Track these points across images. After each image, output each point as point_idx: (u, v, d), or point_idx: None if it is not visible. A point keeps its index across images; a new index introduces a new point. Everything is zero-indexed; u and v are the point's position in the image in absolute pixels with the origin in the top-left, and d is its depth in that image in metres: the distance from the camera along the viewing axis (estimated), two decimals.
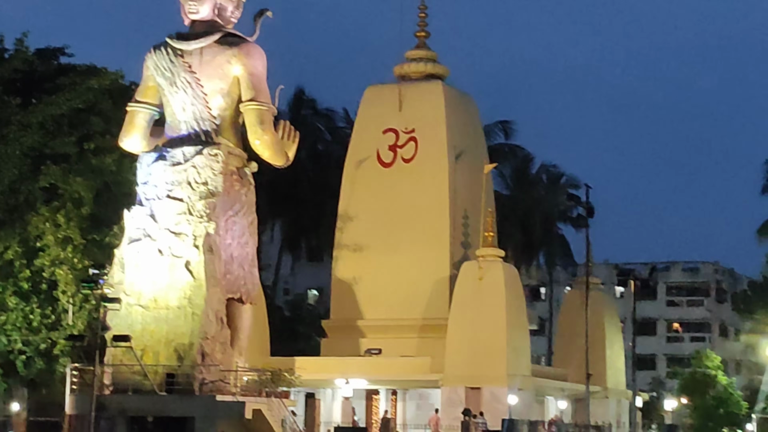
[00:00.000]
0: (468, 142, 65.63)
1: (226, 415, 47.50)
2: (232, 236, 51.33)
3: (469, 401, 57.04)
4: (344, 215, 65.00)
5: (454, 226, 63.20)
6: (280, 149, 52.39)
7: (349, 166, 65.41)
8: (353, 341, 63.21)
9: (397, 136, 64.61)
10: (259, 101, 51.43)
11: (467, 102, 66.79)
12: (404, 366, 59.90)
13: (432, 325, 61.60)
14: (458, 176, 63.94)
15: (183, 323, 49.39)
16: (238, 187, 51.69)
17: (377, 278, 63.25)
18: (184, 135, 51.65)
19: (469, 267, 59.09)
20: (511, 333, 57.85)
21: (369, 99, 66.03)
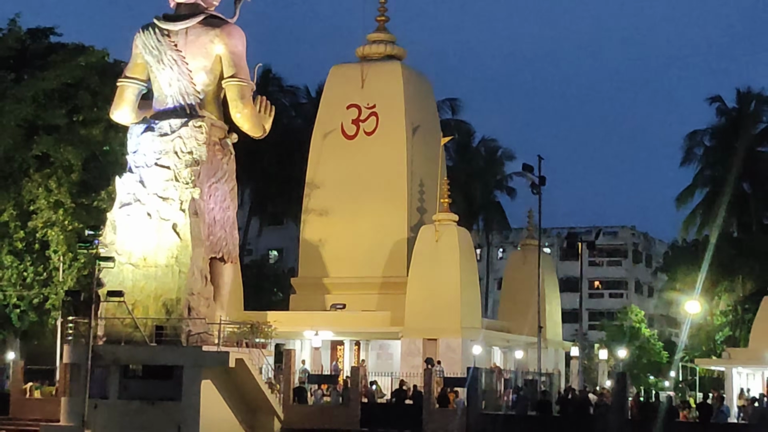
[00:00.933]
0: (423, 118, 65.04)
1: (211, 364, 46.90)
2: (214, 201, 50.84)
3: (427, 351, 56.56)
4: (311, 183, 64.22)
5: (410, 194, 62.63)
6: (258, 122, 52.03)
7: (316, 138, 64.63)
8: (320, 297, 62.55)
9: (360, 111, 63.84)
10: (239, 78, 51.07)
11: (423, 81, 66.16)
12: (367, 319, 59.36)
13: (391, 283, 61.03)
14: (415, 148, 63.34)
15: (171, 280, 48.88)
16: (220, 156, 51.18)
17: (341, 240, 62.56)
18: (171, 108, 51.11)
19: (427, 230, 58.54)
20: (464, 290, 57.45)
21: (334, 77, 65.29)
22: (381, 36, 65.65)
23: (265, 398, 48.97)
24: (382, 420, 48.69)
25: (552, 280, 67.87)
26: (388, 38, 65.75)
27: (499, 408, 42.24)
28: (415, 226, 61.84)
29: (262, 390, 48.73)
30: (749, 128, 79.73)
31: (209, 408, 46.79)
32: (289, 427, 49.43)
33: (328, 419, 49.52)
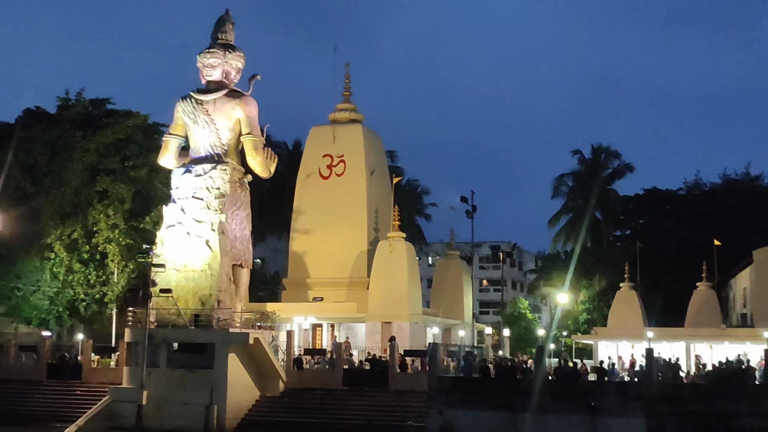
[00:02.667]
0: (377, 164, 64.06)
1: (236, 342, 45.64)
2: (235, 223, 49.73)
3: (384, 331, 55.51)
4: (297, 210, 62.91)
5: (369, 218, 61.55)
6: (267, 167, 51.16)
7: (300, 178, 63.34)
8: (304, 292, 61.19)
9: (332, 159, 62.66)
10: (254, 135, 50.29)
11: (376, 137, 65.18)
12: (339, 308, 58.18)
13: (355, 282, 59.93)
14: (371, 186, 62.30)
15: (205, 281, 47.71)
16: (239, 191, 50.16)
17: (319, 251, 61.27)
18: (203, 156, 50.03)
19: (383, 244, 57.52)
20: (410, 286, 56.52)
21: (313, 135, 64.03)
22: (346, 106, 64.53)
23: (273, 366, 47.75)
24: (358, 381, 47.68)
25: (467, 280, 67.13)
26: (351, 107, 64.66)
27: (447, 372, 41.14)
28: (372, 241, 60.86)
29: (272, 360, 47.53)
30: (601, 172, 79.90)
31: (233, 374, 45.75)
32: (291, 387, 48.22)
33: (319, 381, 48.43)
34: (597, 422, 36.43)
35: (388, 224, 63.60)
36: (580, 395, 37.02)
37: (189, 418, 44.38)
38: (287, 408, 46.52)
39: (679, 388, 37.56)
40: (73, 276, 59.17)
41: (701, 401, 35.61)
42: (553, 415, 36.95)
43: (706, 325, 60.36)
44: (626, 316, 62.87)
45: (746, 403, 35.05)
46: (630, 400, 36.44)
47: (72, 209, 59.10)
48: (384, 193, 64.38)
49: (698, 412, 35.44)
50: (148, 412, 44.80)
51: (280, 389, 48.07)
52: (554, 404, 37.07)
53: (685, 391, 36.62)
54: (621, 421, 36.23)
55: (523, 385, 37.98)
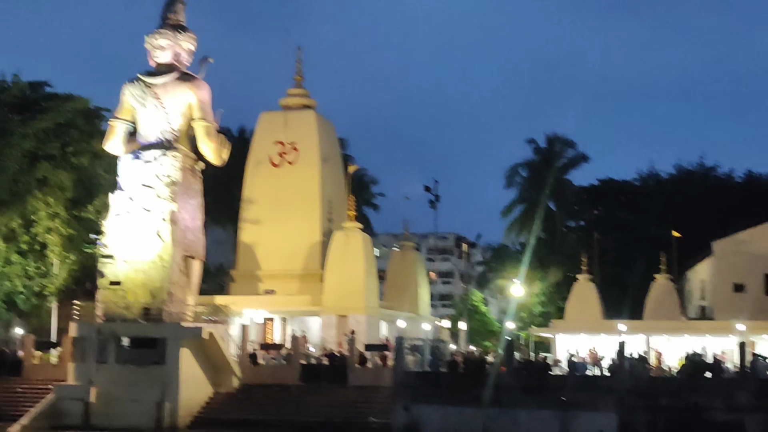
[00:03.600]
0: (330, 152, 63.75)
1: (188, 336, 45.00)
2: (187, 213, 48.86)
3: (340, 325, 55.32)
4: (247, 199, 62.29)
5: (322, 208, 61.17)
6: (219, 154, 50.29)
7: (250, 166, 62.75)
8: (254, 285, 60.66)
9: (284, 146, 62.18)
10: (206, 120, 49.46)
11: (329, 125, 64.79)
12: (292, 301, 57.80)
13: (308, 274, 59.61)
14: (325, 174, 61.98)
15: (155, 273, 46.92)
16: (191, 179, 49.40)
17: (270, 242, 60.78)
18: (153, 142, 49.08)
19: (339, 235, 57.26)
20: (366, 279, 56.34)
21: (263, 121, 63.43)
22: (298, 91, 64.03)
23: (227, 362, 47.18)
24: (316, 377, 47.35)
25: (422, 272, 67.23)
26: (303, 93, 64.17)
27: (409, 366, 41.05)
28: (326, 232, 60.60)
29: (226, 355, 46.95)
30: (555, 162, 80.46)
31: (186, 370, 45.10)
32: (245, 383, 47.69)
33: (275, 377, 47.97)
34: (568, 417, 36.72)
35: (341, 214, 63.34)
36: (550, 390, 37.23)
37: (140, 416, 43.61)
38: (242, 405, 45.99)
39: (651, 381, 37.99)
40: (10, 267, 57.78)
41: (674, 395, 36.08)
42: (523, 410, 37.16)
43: (666, 317, 61.27)
44: (584, 309, 63.60)
45: (720, 396, 35.54)
46: (601, 395, 36.80)
47: (9, 197, 57.60)
48: (337, 182, 64.11)
49: (671, 406, 35.92)
50: (96, 410, 44.01)
51: (234, 385, 47.50)
52: (524, 399, 37.25)
53: (658, 384, 37.10)
54: (592, 415, 36.55)
55: (492, 379, 37.98)
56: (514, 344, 39.85)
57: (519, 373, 38.35)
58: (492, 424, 37.23)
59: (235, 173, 67.96)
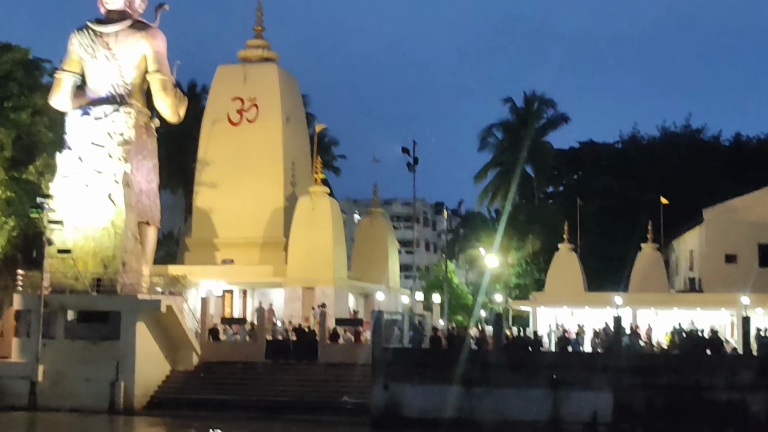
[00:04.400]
0: (293, 109, 63.18)
1: (145, 310, 44.67)
2: (141, 175, 48.49)
3: (305, 298, 55.06)
4: (202, 160, 61.54)
5: (285, 170, 60.68)
6: (176, 110, 49.93)
7: (206, 124, 61.93)
8: (210, 254, 60.06)
9: (243, 102, 61.46)
10: (162, 72, 49.15)
11: (292, 80, 64.17)
12: (253, 272, 57.32)
13: (270, 242, 59.20)
14: (288, 134, 61.42)
15: (107, 240, 46.55)
16: (145, 137, 48.93)
17: (228, 207, 60.11)
18: (103, 97, 48.64)
19: (305, 200, 56.81)
20: (335, 247, 56.07)
21: (220, 74, 62.52)
22: (258, 42, 63.22)
23: (187, 337, 46.91)
24: (283, 353, 47.26)
25: (393, 240, 67.12)
26: (263, 44, 63.37)
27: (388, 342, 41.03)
28: (289, 196, 60.21)
29: (185, 330, 46.67)
30: (533, 123, 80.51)
31: (142, 346, 44.95)
32: (206, 360, 47.52)
33: (238, 353, 47.91)
34: (560, 396, 37.00)
35: (306, 178, 63.10)
36: (540, 367, 37.42)
37: (92, 396, 43.58)
38: (203, 384, 45.89)
39: (650, 358, 38.35)
40: None
41: (673, 373, 36.46)
42: (512, 389, 37.34)
43: (652, 289, 61.68)
44: (566, 280, 63.73)
45: (722, 375, 35.97)
46: (596, 372, 37.04)
47: None
48: (301, 142, 63.72)
49: (670, 384, 36.27)
50: (44, 390, 43.82)
51: (193, 363, 47.36)
52: (513, 377, 37.42)
53: (656, 361, 37.41)
54: (586, 394, 36.86)
55: (479, 356, 38.11)
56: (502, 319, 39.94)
57: (507, 349, 38.42)
58: (478, 404, 37.41)
59: (186, 132, 67.36)
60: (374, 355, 38.98)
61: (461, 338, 39.15)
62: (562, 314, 61.46)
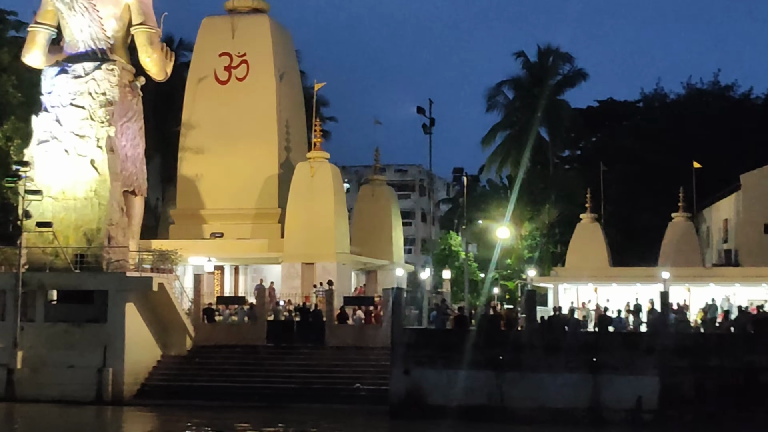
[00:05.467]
0: (287, 66, 62.89)
1: (135, 289, 44.47)
2: (126, 139, 48.33)
3: (305, 274, 55.02)
4: (187, 123, 61.19)
5: (279, 134, 60.46)
6: (163, 67, 49.69)
7: (191, 83, 61.55)
8: (197, 227, 59.83)
9: (231, 59, 61.05)
10: (148, 25, 48.94)
11: (285, 33, 63.82)
12: (246, 247, 57.23)
13: (264, 213, 59.07)
14: (282, 93, 61.15)
15: (90, 212, 46.40)
16: (130, 97, 48.81)
17: (217, 175, 59.85)
18: (83, 52, 48.28)
19: (303, 166, 56.63)
20: (337, 219, 55.98)
21: (206, 28, 62.08)
22: None
23: (179, 318, 46.86)
24: (287, 336, 47.26)
25: (396, 211, 67.03)
26: None
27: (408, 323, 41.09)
28: (283, 163, 60.07)
29: (178, 311, 46.59)
30: (548, 79, 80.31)
31: (132, 329, 44.82)
32: (201, 344, 47.48)
33: (237, 336, 47.88)
34: (600, 382, 37.12)
35: (301, 142, 63.08)
36: (579, 350, 37.52)
37: (76, 385, 43.46)
38: (199, 370, 45.88)
39: (700, 338, 38.50)
40: None
41: (726, 354, 36.61)
42: (546, 374, 37.43)
43: (685, 263, 61.99)
44: (589, 254, 64.08)
45: None
46: (640, 355, 37.17)
47: None
48: (296, 102, 63.62)
49: (722, 366, 36.43)
50: (23, 378, 43.77)
51: (187, 347, 47.33)
52: (548, 361, 37.50)
53: (708, 342, 37.54)
54: (629, 379, 36.98)
55: (510, 338, 38.19)
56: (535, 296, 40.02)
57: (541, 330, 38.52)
58: (510, 390, 37.50)
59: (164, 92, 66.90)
60: (394, 337, 39.00)
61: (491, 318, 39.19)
62: (586, 291, 61.75)
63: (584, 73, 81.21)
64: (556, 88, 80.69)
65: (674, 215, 64.82)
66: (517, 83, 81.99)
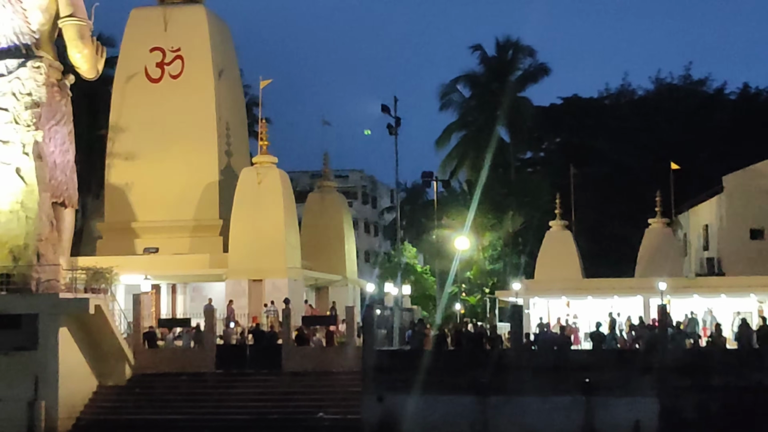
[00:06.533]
0: (226, 62, 62.42)
1: (70, 312, 43.63)
2: (54, 144, 47.46)
3: (253, 292, 54.53)
4: (115, 126, 60.50)
5: (219, 137, 59.93)
6: (95, 63, 48.87)
7: (119, 82, 60.90)
8: (129, 242, 59.15)
9: (164, 54, 60.51)
10: (78, 17, 47.90)
11: (224, 26, 63.31)
12: (186, 262, 56.58)
13: (204, 225, 58.63)
14: (221, 91, 60.64)
15: (17, 226, 45.47)
16: (58, 97, 47.97)
17: (150, 184, 59.28)
18: (5, 48, 47.38)
19: (249, 172, 56.13)
20: (287, 231, 55.56)
21: (135, 20, 61.42)
22: None
23: (117, 344, 46.05)
24: (239, 361, 46.69)
25: (348, 221, 66.85)
26: None
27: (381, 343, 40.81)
28: (224, 169, 59.57)
29: (116, 336, 45.79)
30: (508, 76, 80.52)
31: (66, 357, 43.80)
32: (142, 372, 46.73)
33: (182, 362, 47.21)
34: (594, 404, 37.10)
35: (242, 146, 62.67)
36: (570, 370, 37.46)
37: (4, 420, 42.47)
38: (140, 401, 45.20)
39: (702, 356, 38.58)
40: None
41: (731, 372, 36.72)
42: (535, 397, 37.31)
43: (665, 273, 62.16)
44: (560, 265, 64.25)
45: None
46: (636, 374, 37.17)
47: None
48: (236, 102, 63.45)
49: (727, 385, 36.52)
50: None
51: (126, 375, 46.59)
52: (536, 383, 37.41)
53: (711, 360, 37.62)
54: (626, 401, 36.99)
55: (493, 358, 38.04)
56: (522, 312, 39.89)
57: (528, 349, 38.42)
58: (495, 415, 37.35)
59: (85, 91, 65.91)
60: (365, 360, 38.67)
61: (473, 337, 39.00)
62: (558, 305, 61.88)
63: (546, 67, 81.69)
64: (516, 85, 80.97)
65: (651, 221, 65.17)
66: (474, 79, 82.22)
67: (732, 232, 64.14)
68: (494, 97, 79.22)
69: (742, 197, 63.80)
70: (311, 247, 64.19)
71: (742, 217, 63.86)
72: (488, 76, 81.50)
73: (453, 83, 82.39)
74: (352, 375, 44.33)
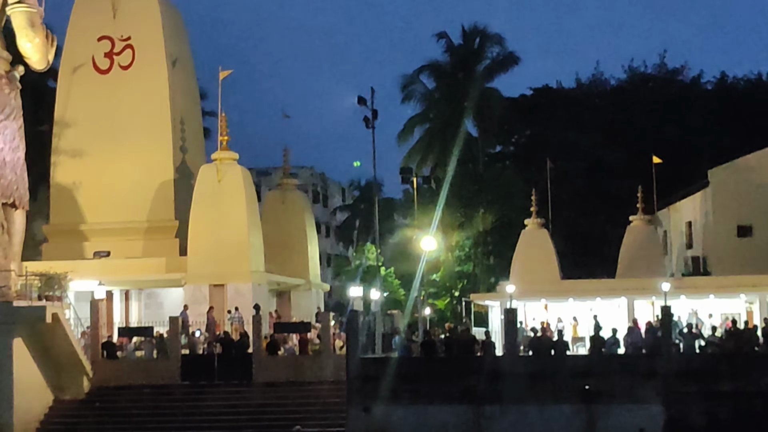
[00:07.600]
0: (180, 51, 61.94)
1: (25, 321, 43.31)
2: (4, 141, 47.18)
3: (214, 298, 54.18)
4: (61, 121, 59.87)
5: (174, 132, 59.42)
6: (45, 53, 48.38)
7: (64, 73, 60.24)
8: (77, 245, 58.46)
9: (113, 43, 59.94)
10: (28, 3, 47.27)
11: (177, 13, 62.86)
12: (139, 267, 56.14)
13: (158, 227, 58.11)
14: (175, 83, 60.19)
15: None
16: (7, 90, 47.66)
17: (99, 183, 58.66)
18: None
19: (208, 169, 55.80)
20: (250, 232, 55.30)
21: (80, 6, 60.75)
22: None
23: (75, 355, 45.78)
24: (206, 372, 46.52)
25: (311, 221, 66.62)
26: None
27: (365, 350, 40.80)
28: (179, 166, 59.16)
29: (73, 346, 45.48)
30: (475, 65, 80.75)
31: (20, 370, 43.60)
32: (101, 385, 46.48)
33: (145, 374, 47.07)
34: (595, 413, 37.24)
35: (198, 142, 62.24)
36: (569, 376, 37.60)
37: None
38: (101, 416, 45.15)
39: (709, 360, 38.87)
40: None
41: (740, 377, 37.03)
42: (532, 406, 37.41)
43: (648, 273, 62.70)
44: (537, 265, 64.44)
45: None
46: (640, 380, 37.38)
47: None
48: (191, 94, 63.14)
49: (736, 392, 36.81)
50: None
51: (84, 389, 46.32)
52: (534, 391, 37.52)
53: (719, 365, 37.90)
54: (629, 409, 37.19)
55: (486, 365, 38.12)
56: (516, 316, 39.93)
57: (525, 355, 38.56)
58: (490, 425, 37.44)
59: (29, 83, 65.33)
60: (349, 369, 38.60)
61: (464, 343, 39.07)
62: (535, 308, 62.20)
63: (516, 56, 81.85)
64: (484, 75, 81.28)
65: (633, 218, 65.53)
66: (439, 69, 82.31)
67: (718, 229, 64.67)
68: (461, 88, 79.38)
69: (730, 192, 64.31)
70: (272, 249, 63.91)
71: (729, 213, 64.40)
72: (454, 65, 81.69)
73: (416, 73, 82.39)
74: (329, 385, 44.46)
